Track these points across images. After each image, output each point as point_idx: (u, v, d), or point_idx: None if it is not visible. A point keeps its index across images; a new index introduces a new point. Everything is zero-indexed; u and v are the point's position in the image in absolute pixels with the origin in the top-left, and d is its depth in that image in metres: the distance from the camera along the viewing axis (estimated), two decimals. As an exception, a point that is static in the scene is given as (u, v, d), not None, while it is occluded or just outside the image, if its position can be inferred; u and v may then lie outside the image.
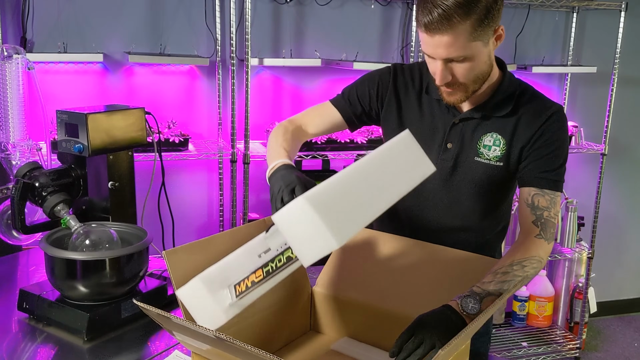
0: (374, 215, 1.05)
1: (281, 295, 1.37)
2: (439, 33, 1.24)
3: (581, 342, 3.31)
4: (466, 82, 1.34)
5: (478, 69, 1.32)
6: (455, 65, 1.30)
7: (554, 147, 1.40)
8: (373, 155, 1.12)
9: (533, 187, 1.39)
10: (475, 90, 1.38)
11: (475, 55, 1.28)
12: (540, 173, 1.39)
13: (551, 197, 1.38)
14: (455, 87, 1.35)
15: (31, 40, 2.49)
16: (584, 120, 3.37)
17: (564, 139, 1.43)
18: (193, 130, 2.76)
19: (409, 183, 1.16)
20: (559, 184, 1.40)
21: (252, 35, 2.73)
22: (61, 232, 1.61)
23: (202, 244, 1.25)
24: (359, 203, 1.03)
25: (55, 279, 1.50)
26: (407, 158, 1.17)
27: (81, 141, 1.63)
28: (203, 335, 1.01)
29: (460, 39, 1.24)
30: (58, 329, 1.50)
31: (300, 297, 1.44)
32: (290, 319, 1.42)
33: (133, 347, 1.47)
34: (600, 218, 3.40)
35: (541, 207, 1.36)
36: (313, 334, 1.46)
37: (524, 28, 3.12)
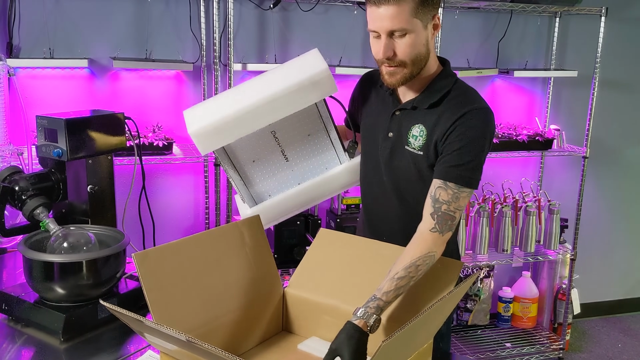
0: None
1: (253, 296, 1.41)
2: (386, 4, 1.39)
3: (564, 342, 3.34)
4: (406, 59, 1.44)
5: (417, 49, 1.44)
6: (397, 41, 1.43)
7: (464, 144, 1.43)
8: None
9: (438, 179, 1.44)
10: (414, 74, 1.48)
11: (415, 32, 1.42)
12: (447, 167, 1.44)
13: (454, 191, 1.41)
14: (396, 66, 1.46)
15: (18, 46, 2.53)
16: (567, 123, 3.41)
17: (477, 137, 1.45)
18: (179, 134, 2.80)
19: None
20: (466, 180, 1.42)
21: (237, 40, 2.77)
22: (40, 234, 1.65)
23: (172, 247, 1.28)
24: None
25: (32, 281, 1.54)
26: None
27: (60, 146, 1.67)
28: (173, 337, 1.04)
29: (404, 12, 1.39)
30: (36, 329, 1.54)
31: (272, 298, 1.47)
32: (262, 319, 1.45)
33: (109, 348, 1.50)
34: (584, 220, 3.45)
35: (441, 201, 1.41)
36: (285, 334, 1.50)
37: (506, 33, 3.16)
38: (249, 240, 1.42)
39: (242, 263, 1.39)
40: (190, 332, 1.23)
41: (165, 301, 1.22)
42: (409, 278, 1.30)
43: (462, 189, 1.42)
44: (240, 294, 1.38)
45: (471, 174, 1.43)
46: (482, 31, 3.18)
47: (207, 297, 1.30)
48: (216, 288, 1.33)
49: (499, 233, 3.11)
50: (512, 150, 3.01)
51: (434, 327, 1.28)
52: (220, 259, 1.35)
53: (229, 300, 1.35)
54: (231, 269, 1.37)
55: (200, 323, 1.28)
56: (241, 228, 1.41)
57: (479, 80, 3.22)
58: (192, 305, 1.27)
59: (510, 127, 3.14)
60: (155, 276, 1.21)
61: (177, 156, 2.54)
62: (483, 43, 3.18)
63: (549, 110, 3.37)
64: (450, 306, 1.27)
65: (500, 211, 3.08)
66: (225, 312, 1.34)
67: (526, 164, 3.46)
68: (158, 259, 1.23)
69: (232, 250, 1.38)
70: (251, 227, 1.43)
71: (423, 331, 1.18)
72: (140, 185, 2.11)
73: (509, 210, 3.07)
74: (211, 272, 1.33)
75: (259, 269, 1.43)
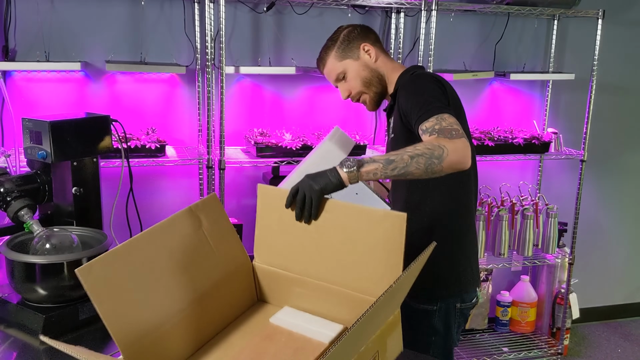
0: None
1: (219, 276, 1.35)
2: (324, 67, 1.82)
3: (563, 347, 3.32)
4: (359, 88, 1.78)
5: (360, 76, 1.76)
6: (345, 83, 1.79)
7: (407, 102, 1.56)
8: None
9: (420, 124, 1.48)
10: (377, 92, 1.78)
11: (350, 68, 1.77)
12: (415, 116, 1.50)
13: (437, 117, 1.45)
14: (361, 98, 1.80)
15: (13, 49, 2.55)
16: (565, 126, 3.39)
17: (408, 92, 1.59)
18: (174, 137, 2.81)
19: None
20: (436, 109, 1.47)
21: (232, 44, 2.78)
22: (24, 236, 1.66)
23: (120, 251, 1.17)
24: None
25: (14, 282, 1.55)
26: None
27: (45, 148, 1.68)
28: None
29: (332, 64, 1.79)
30: (18, 330, 1.55)
31: (240, 274, 1.41)
32: (233, 296, 1.39)
33: (90, 349, 1.50)
34: (583, 224, 3.43)
35: (430, 126, 1.45)
36: (260, 305, 1.45)
37: (503, 35, 3.15)
38: (205, 222, 1.34)
39: (202, 247, 1.32)
40: (158, 328, 1.18)
41: (121, 310, 1.14)
42: (402, 150, 1.36)
43: (439, 115, 1.46)
44: (206, 278, 1.32)
45: (432, 104, 1.49)
46: (480, 34, 3.17)
47: (168, 292, 1.23)
48: (177, 280, 1.26)
49: (496, 237, 3.09)
50: (508, 153, 2.99)
51: (397, 302, 1.25)
52: (175, 249, 1.27)
53: (194, 287, 1.29)
54: (190, 256, 1.30)
55: (164, 320, 1.21)
56: (195, 212, 1.33)
57: (476, 84, 3.21)
58: (152, 306, 1.20)
59: (507, 130, 3.13)
60: (105, 288, 1.12)
61: (170, 158, 2.55)
62: (480, 46, 3.17)
63: (548, 113, 3.35)
64: (413, 276, 1.22)
65: (497, 215, 3.06)
66: (191, 301, 1.27)
67: (524, 167, 3.44)
68: (105, 268, 1.13)
69: (188, 236, 1.30)
70: (206, 208, 1.35)
71: (384, 311, 1.16)
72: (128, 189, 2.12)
73: (506, 214, 3.05)
74: (169, 265, 1.25)
75: (222, 249, 1.36)
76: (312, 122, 2.96)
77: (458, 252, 1.71)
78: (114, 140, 1.90)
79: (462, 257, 1.72)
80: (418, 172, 1.34)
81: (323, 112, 2.98)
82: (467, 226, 1.73)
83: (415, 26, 2.99)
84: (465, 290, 1.73)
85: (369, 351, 1.16)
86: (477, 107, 3.24)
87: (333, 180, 1.32)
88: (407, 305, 1.62)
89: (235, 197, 2.93)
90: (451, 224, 1.70)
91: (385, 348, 1.22)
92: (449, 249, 1.68)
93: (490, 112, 3.28)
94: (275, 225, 1.41)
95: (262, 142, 2.60)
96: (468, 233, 1.74)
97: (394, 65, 1.79)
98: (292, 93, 2.93)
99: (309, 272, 1.35)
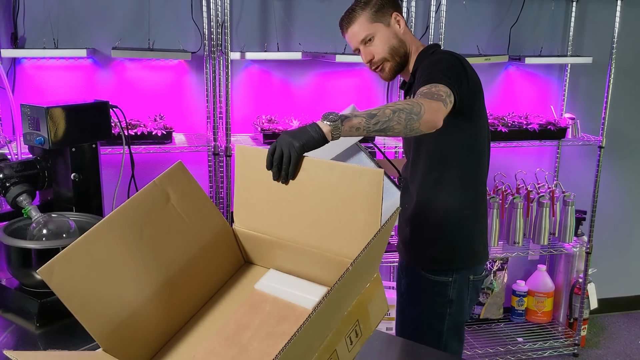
0: None
1: (198, 247, 1.30)
2: (346, 28, 1.76)
3: (580, 338, 3.24)
4: (383, 55, 1.74)
5: (388, 44, 1.73)
6: (370, 46, 1.74)
7: (422, 70, 1.61)
8: None
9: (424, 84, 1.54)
10: (399, 63, 1.76)
11: (379, 33, 1.73)
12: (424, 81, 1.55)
13: (432, 85, 1.50)
14: (380, 65, 1.76)
15: (23, 37, 2.57)
16: (584, 112, 3.29)
17: (427, 65, 1.62)
18: (183, 123, 2.81)
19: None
20: (438, 79, 1.52)
21: (239, 29, 2.76)
22: (22, 221, 1.66)
23: (80, 246, 1.12)
24: None
25: (11, 267, 1.56)
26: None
27: (42, 134, 1.68)
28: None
29: (362, 25, 1.73)
30: (15, 315, 1.57)
31: (221, 240, 1.35)
32: (217, 263, 1.34)
33: (84, 334, 1.49)
34: (602, 212, 3.34)
35: (421, 91, 1.50)
36: (247, 267, 1.40)
37: (519, 18, 3.06)
38: (174, 195, 1.27)
39: (173, 222, 1.26)
40: (133, 315, 1.15)
41: (92, 304, 1.11)
42: (384, 106, 1.37)
43: (437, 85, 1.50)
44: (180, 253, 1.26)
45: (437, 74, 1.53)
46: (495, 17, 3.09)
47: (142, 275, 1.19)
48: (146, 261, 1.20)
49: (510, 225, 3.03)
50: (523, 139, 2.92)
51: (373, 265, 1.20)
52: (142, 231, 1.21)
53: (167, 265, 1.23)
54: (160, 234, 1.23)
55: (141, 303, 1.17)
56: (160, 186, 1.27)
57: (491, 69, 3.13)
58: (125, 291, 1.16)
59: (522, 116, 3.05)
60: (71, 284, 1.09)
61: (176, 145, 2.55)
62: (495, 30, 3.09)
63: (566, 98, 3.25)
64: (384, 241, 1.18)
65: (512, 202, 2.99)
66: (167, 278, 1.22)
67: (541, 154, 3.36)
68: (68, 265, 1.09)
69: (156, 213, 1.24)
70: (171, 179, 1.28)
71: (358, 279, 1.12)
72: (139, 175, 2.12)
73: (520, 202, 2.98)
74: (135, 248, 1.19)
75: (196, 220, 1.29)
76: (321, 108, 2.92)
77: (474, 227, 1.77)
78: (114, 127, 1.89)
79: (477, 232, 1.78)
80: (399, 127, 1.35)
81: (331, 98, 2.94)
82: (481, 202, 1.79)
83: (428, 10, 2.92)
84: (479, 263, 1.79)
85: (348, 322, 1.12)
86: (492, 92, 3.17)
87: (315, 136, 1.25)
88: (423, 277, 1.78)
89: (245, 184, 2.91)
90: (468, 200, 1.75)
91: (368, 315, 1.18)
92: (466, 223, 1.76)
93: (505, 98, 3.20)
94: (254, 187, 1.33)
95: (268, 128, 2.58)
96: (482, 209, 1.80)
97: (416, 42, 1.80)
98: (301, 79, 2.90)
99: (289, 236, 1.28)
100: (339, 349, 1.10)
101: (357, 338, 1.15)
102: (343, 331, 1.10)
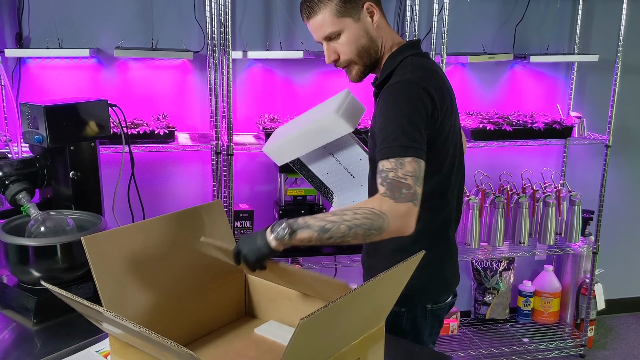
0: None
1: (211, 280, 1.39)
2: (309, 18, 1.47)
3: (587, 339, 3.21)
4: (349, 57, 1.48)
5: (357, 43, 1.47)
6: (335, 44, 1.48)
7: (382, 119, 1.37)
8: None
9: (380, 160, 1.33)
10: (367, 65, 1.50)
11: (347, 29, 1.45)
12: (381, 145, 1.34)
13: (398, 160, 1.30)
14: (346, 65, 1.51)
15: (28, 37, 2.59)
16: (591, 111, 3.26)
17: (388, 107, 1.37)
18: (186, 123, 2.82)
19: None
20: (403, 149, 1.30)
21: (243, 29, 2.76)
22: (21, 219, 1.68)
23: (125, 230, 1.26)
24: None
25: (9, 264, 1.58)
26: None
27: (41, 132, 1.70)
28: (119, 323, 1.02)
29: (327, 17, 1.44)
30: (13, 311, 1.58)
31: (232, 282, 1.45)
32: (222, 303, 1.43)
33: (81, 331, 1.51)
34: (609, 212, 3.31)
35: (386, 170, 1.30)
36: (247, 318, 1.48)
37: (524, 16, 3.04)
38: (208, 224, 1.39)
39: (199, 247, 1.38)
40: (142, 315, 1.23)
41: (116, 285, 1.21)
42: (340, 217, 1.23)
43: (405, 158, 1.30)
44: (199, 277, 1.37)
45: (403, 142, 1.31)
46: (500, 15, 3.06)
47: (162, 281, 1.29)
48: (172, 271, 1.31)
49: (516, 225, 3.01)
50: (528, 138, 2.90)
51: (378, 308, 1.21)
52: (176, 243, 1.33)
53: (187, 283, 1.34)
54: (189, 253, 1.35)
55: (154, 307, 1.26)
56: (200, 212, 1.39)
57: (496, 67, 3.11)
58: (145, 289, 1.26)
59: (527, 114, 3.03)
60: (106, 260, 1.20)
61: (179, 144, 2.56)
62: (500, 28, 3.07)
63: (573, 97, 3.22)
64: (396, 284, 1.18)
65: (517, 202, 2.97)
66: (182, 295, 1.33)
67: (548, 153, 3.33)
68: (110, 242, 1.22)
69: (190, 234, 1.36)
70: (211, 211, 1.41)
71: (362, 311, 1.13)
72: (141, 174, 2.14)
73: (525, 201, 2.96)
74: (167, 255, 1.31)
75: (217, 253, 1.40)
76: (325, 108, 2.92)
77: (427, 266, 1.34)
78: (113, 125, 1.90)
79: (429, 269, 1.47)
80: (356, 241, 1.26)
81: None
82: (445, 234, 1.57)
83: (431, 8, 2.91)
84: (434, 301, 1.57)
85: (350, 355, 1.13)
86: (497, 90, 3.15)
87: (264, 251, 1.25)
88: None
89: (248, 183, 2.92)
90: (427, 240, 1.52)
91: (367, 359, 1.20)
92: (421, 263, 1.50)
93: (511, 96, 3.18)
94: None
95: (270, 127, 2.58)
96: (445, 241, 1.58)
97: (392, 36, 1.52)
98: (303, 78, 2.89)
99: (296, 285, 1.35)
100: None
101: None
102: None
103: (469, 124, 2.85)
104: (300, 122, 1.79)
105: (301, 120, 1.82)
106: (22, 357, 1.39)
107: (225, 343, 1.37)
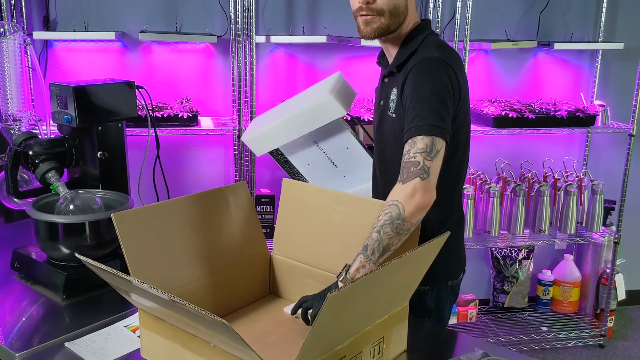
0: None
1: (237, 259, 1.42)
2: None
3: (606, 329, 3.20)
4: (384, 7, 1.43)
5: (394, 1, 1.43)
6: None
7: (412, 96, 1.37)
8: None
9: (408, 138, 1.34)
10: (390, 26, 1.46)
11: None
12: (408, 125, 1.35)
13: (414, 140, 1.32)
14: (373, 14, 1.45)
15: (54, 20, 2.62)
16: (615, 99, 3.23)
17: (419, 85, 1.38)
18: (209, 107, 2.84)
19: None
20: (426, 128, 1.32)
21: (266, 13, 2.77)
22: (51, 197, 1.71)
23: (153, 208, 1.30)
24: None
25: (39, 241, 1.61)
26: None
27: (69, 112, 1.72)
28: (154, 295, 1.04)
29: None
30: (43, 287, 1.62)
31: (257, 262, 1.48)
32: (247, 282, 1.46)
33: (109, 307, 1.54)
34: (632, 202, 3.28)
35: (404, 153, 1.33)
36: (272, 297, 1.51)
37: (548, 3, 3.01)
38: (233, 204, 1.42)
39: (226, 227, 1.40)
40: (169, 292, 1.25)
41: (145, 261, 1.24)
42: (371, 228, 1.27)
43: (422, 137, 1.32)
44: (224, 256, 1.40)
45: (426, 121, 1.33)
46: (524, 2, 3.04)
47: (187, 258, 1.32)
48: (198, 250, 1.34)
49: (537, 213, 3.00)
50: (550, 126, 2.88)
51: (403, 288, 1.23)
52: (203, 222, 1.36)
53: (212, 262, 1.37)
54: (214, 232, 1.38)
55: (180, 283, 1.29)
56: (226, 193, 1.41)
57: (519, 54, 3.09)
58: (172, 266, 1.29)
59: (550, 102, 3.00)
60: (134, 236, 1.23)
61: (202, 128, 2.58)
62: (524, 15, 3.05)
63: (597, 85, 3.19)
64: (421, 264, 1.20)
65: (538, 190, 2.96)
66: (207, 273, 1.35)
67: (571, 141, 3.30)
68: (138, 219, 1.25)
69: (216, 213, 1.39)
70: (236, 192, 1.44)
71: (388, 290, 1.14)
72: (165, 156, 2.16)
73: (547, 190, 2.95)
74: (193, 234, 1.34)
75: (244, 233, 1.43)
76: (347, 93, 2.92)
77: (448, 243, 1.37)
78: (140, 108, 1.93)
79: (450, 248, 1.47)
80: (395, 240, 1.26)
81: (356, 82, 2.90)
82: (455, 212, 1.59)
83: (455, -6, 2.90)
84: (454, 277, 1.62)
85: (375, 334, 1.16)
86: (520, 78, 3.12)
87: None
88: None
89: (269, 168, 2.93)
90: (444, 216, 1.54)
91: (391, 339, 1.22)
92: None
93: (534, 84, 3.16)
94: (294, 219, 1.47)
95: (293, 112, 2.59)
96: (457, 219, 1.60)
97: (415, 16, 1.53)
98: (326, 63, 2.90)
99: (322, 264, 1.39)
100: (364, 355, 1.13)
101: (379, 356, 1.19)
102: (371, 338, 1.15)
103: (491, 111, 2.84)
104: (284, 109, 1.76)
105: (284, 108, 1.79)
106: (51, 330, 1.42)
107: (252, 320, 1.40)
